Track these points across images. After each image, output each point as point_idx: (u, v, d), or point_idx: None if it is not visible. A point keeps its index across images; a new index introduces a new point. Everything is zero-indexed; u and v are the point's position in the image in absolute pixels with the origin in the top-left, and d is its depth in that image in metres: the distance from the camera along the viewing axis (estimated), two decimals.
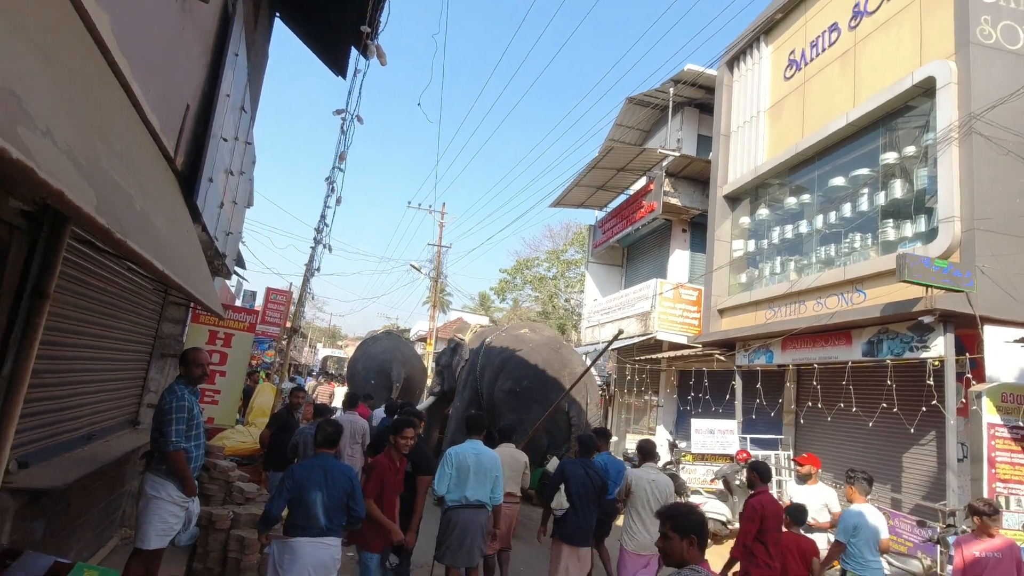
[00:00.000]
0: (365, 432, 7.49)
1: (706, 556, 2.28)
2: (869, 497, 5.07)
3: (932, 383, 6.93)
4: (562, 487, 4.86)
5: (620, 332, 9.48)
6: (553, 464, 7.20)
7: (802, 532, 4.96)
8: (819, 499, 6.01)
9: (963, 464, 6.67)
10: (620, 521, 5.50)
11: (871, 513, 4.81)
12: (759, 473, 4.88)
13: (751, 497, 4.78)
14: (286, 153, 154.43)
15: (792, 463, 8.53)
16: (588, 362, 10.19)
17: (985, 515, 4.34)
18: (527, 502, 8.91)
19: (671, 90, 14.33)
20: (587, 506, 4.88)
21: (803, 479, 6.25)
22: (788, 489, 6.35)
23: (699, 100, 14.96)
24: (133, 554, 3.77)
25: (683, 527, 2.26)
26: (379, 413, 9.09)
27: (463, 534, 4.62)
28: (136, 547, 3.75)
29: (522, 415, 8.79)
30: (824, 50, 10.16)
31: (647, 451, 5.48)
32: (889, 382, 7.51)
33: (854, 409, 8.21)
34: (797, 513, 4.92)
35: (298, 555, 3.51)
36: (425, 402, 12.65)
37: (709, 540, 7.44)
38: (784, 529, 4.79)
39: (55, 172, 1.22)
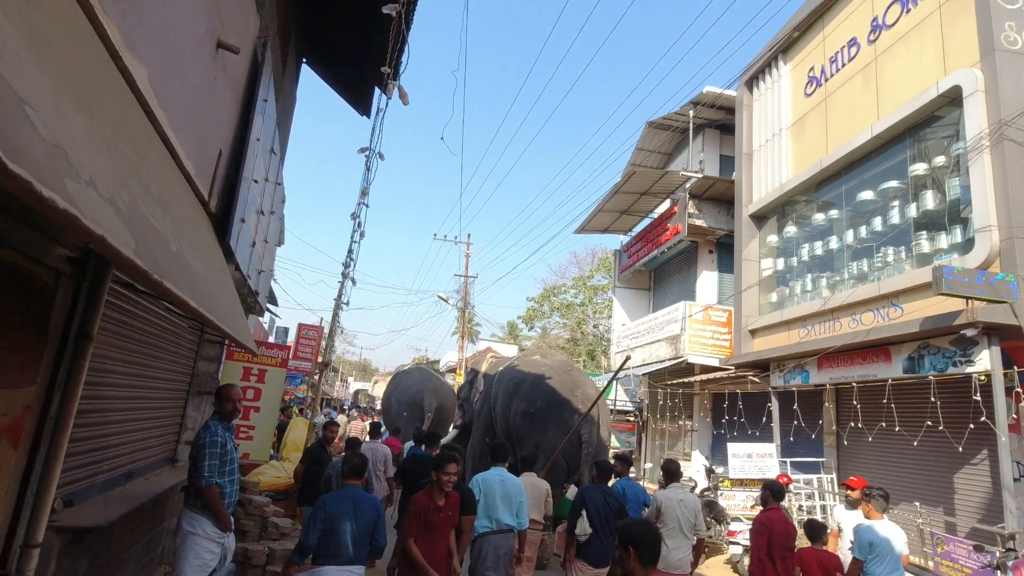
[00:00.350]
0: (387, 459, 7.52)
1: None
2: (887, 513, 5.00)
3: (979, 399, 6.66)
4: (583, 513, 4.96)
5: (628, 359, 9.46)
6: (572, 492, 7.24)
7: (825, 548, 4.90)
8: None
9: (1020, 484, 6.35)
10: None
11: (887, 529, 4.70)
12: (772, 492, 5.06)
13: (760, 513, 4.94)
14: (313, 192, 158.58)
15: (839, 487, 8.21)
16: (603, 386, 10.12)
17: None
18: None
19: (691, 112, 14.38)
20: (608, 530, 4.98)
21: (853, 504, 5.95)
22: (835, 514, 6.09)
23: (719, 121, 14.97)
24: None
25: (623, 538, 2.38)
26: (409, 444, 9.12)
27: (496, 560, 4.66)
28: None
29: (538, 437, 8.74)
30: (844, 65, 10.11)
31: (671, 471, 5.56)
32: (933, 399, 7.24)
33: (897, 428, 7.91)
34: (812, 529, 4.90)
35: None
36: (449, 435, 12.64)
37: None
38: (808, 544, 4.84)
39: (97, 219, 1.29)
